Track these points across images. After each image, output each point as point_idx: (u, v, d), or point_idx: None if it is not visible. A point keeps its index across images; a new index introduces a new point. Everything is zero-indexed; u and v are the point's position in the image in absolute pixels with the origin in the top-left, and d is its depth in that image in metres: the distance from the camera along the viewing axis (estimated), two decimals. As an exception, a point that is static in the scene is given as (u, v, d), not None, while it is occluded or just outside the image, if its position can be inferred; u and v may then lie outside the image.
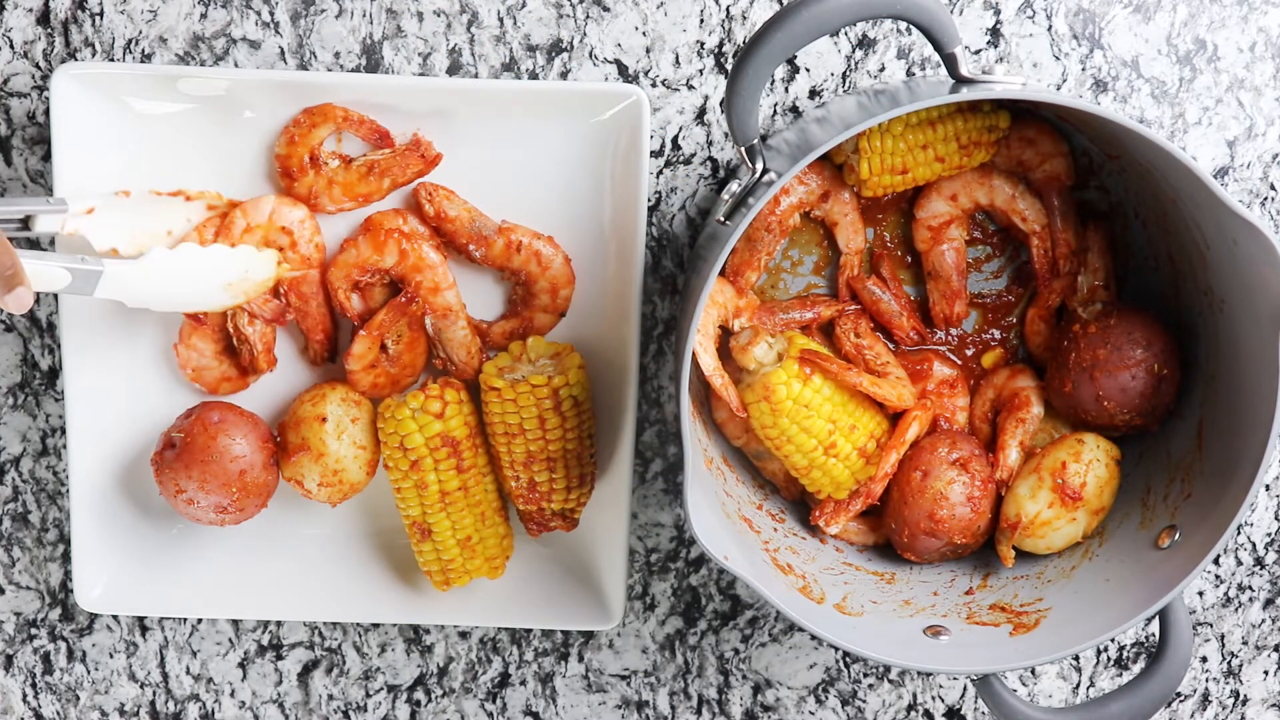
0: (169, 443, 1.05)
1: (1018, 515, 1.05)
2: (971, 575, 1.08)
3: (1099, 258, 1.07)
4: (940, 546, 1.06)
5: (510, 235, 1.06)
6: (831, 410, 1.03)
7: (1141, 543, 1.02)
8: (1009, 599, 1.05)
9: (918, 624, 1.02)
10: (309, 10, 1.08)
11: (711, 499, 1.02)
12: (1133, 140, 0.94)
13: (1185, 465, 1.03)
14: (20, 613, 1.16)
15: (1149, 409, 1.04)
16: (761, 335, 1.04)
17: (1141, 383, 1.04)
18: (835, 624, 0.99)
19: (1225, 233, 0.94)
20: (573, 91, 1.05)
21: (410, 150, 1.05)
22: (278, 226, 1.05)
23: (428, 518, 1.06)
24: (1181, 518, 1.00)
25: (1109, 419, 1.05)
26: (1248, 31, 1.10)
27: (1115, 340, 1.04)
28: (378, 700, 1.17)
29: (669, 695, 1.18)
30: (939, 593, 1.06)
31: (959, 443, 1.07)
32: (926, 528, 1.05)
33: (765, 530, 1.07)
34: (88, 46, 1.08)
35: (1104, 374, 1.04)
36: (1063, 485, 1.04)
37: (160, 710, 1.17)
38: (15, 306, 0.93)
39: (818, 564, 1.07)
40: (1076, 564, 1.05)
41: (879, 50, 1.09)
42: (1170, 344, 1.04)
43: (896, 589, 1.07)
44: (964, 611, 1.04)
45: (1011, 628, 1.02)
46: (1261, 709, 1.19)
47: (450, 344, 1.08)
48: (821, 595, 1.03)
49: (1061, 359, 1.06)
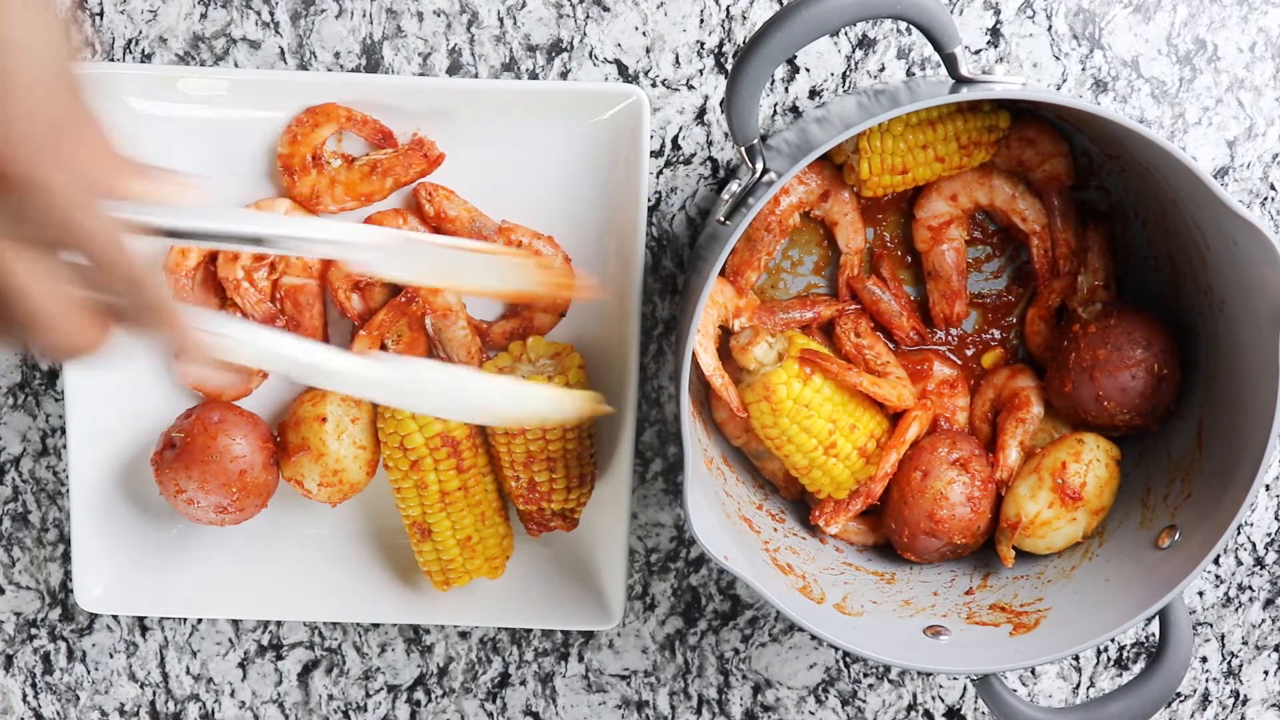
0: (169, 443, 1.05)
1: (1018, 515, 1.05)
2: (971, 575, 1.08)
3: (1099, 258, 1.07)
4: (940, 546, 1.06)
5: (510, 235, 1.06)
6: (831, 410, 1.03)
7: (1141, 543, 1.02)
8: (1009, 599, 1.05)
9: (918, 624, 1.02)
10: (309, 10, 1.08)
11: (711, 499, 1.02)
12: (1132, 140, 0.94)
13: (1185, 465, 1.03)
14: (20, 613, 1.16)
15: (1149, 409, 1.04)
16: (761, 335, 1.04)
17: (1141, 383, 1.04)
18: (835, 624, 0.99)
19: (1225, 233, 0.94)
20: (573, 91, 1.05)
21: (413, 150, 1.05)
22: None
23: (428, 518, 1.06)
24: (1181, 518, 1.00)
25: (1109, 419, 1.05)
26: (1248, 31, 1.10)
27: (1115, 340, 1.04)
28: (378, 700, 1.17)
29: (669, 695, 1.18)
30: (939, 593, 1.06)
31: (959, 443, 1.07)
32: (926, 528, 1.05)
33: (765, 530, 1.07)
34: (87, 46, 1.08)
35: (1104, 374, 1.04)
36: (1063, 485, 1.04)
37: (160, 710, 1.17)
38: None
39: (818, 564, 1.07)
40: (1076, 564, 1.05)
41: (879, 50, 1.09)
42: (1170, 344, 1.04)
43: (896, 589, 1.07)
44: (964, 611, 1.04)
45: (1011, 628, 1.02)
46: (1261, 709, 1.19)
47: (450, 344, 1.08)
48: (822, 595, 1.03)
49: (1061, 359, 1.06)
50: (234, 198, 1.06)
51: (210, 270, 1.06)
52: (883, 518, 1.09)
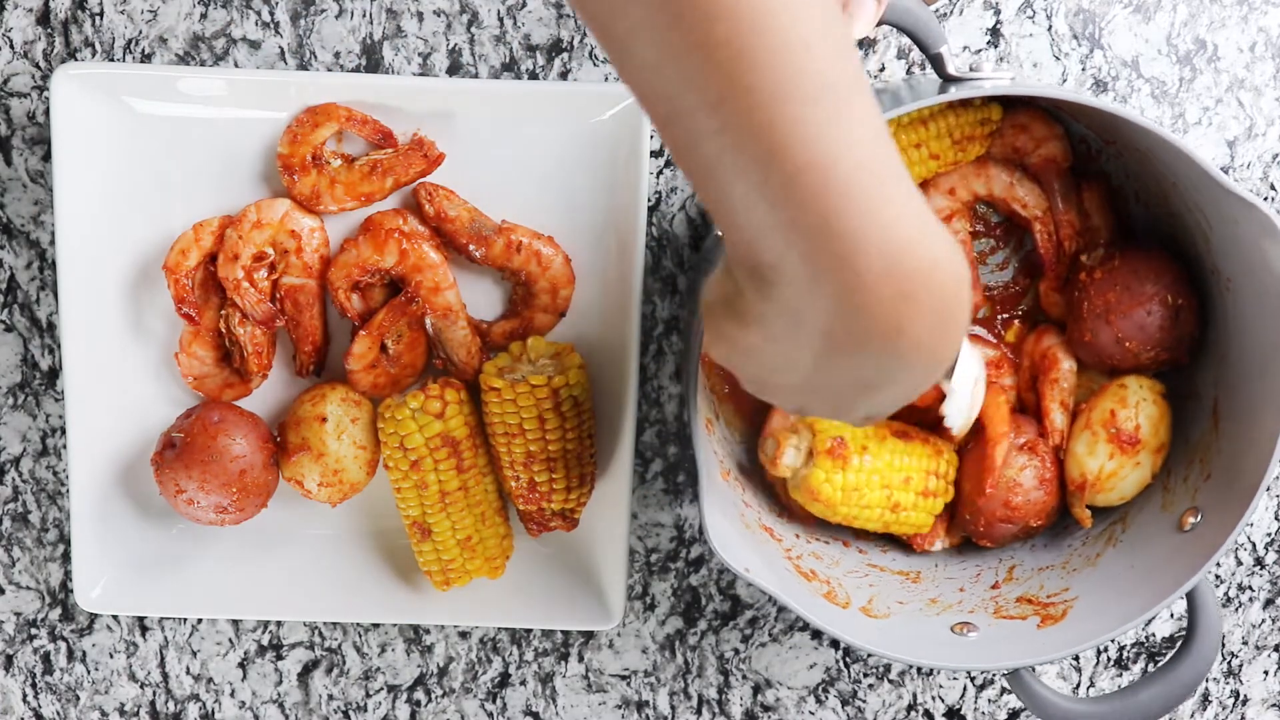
0: (169, 443, 1.05)
1: (1082, 475, 1.04)
2: (997, 569, 1.08)
3: (1098, 215, 1.06)
4: (1015, 531, 1.06)
5: (510, 235, 1.06)
6: (881, 478, 1.03)
7: (1165, 526, 1.02)
8: (1035, 590, 1.04)
9: (945, 621, 1.02)
10: (309, 10, 1.08)
11: (730, 510, 1.01)
12: (1125, 126, 0.94)
13: (1203, 446, 1.02)
14: (20, 613, 1.16)
15: (1172, 341, 1.03)
16: (784, 440, 1.04)
17: (1159, 316, 1.02)
18: (863, 628, 0.99)
19: (1225, 213, 0.93)
20: (573, 91, 1.05)
21: (413, 149, 1.05)
22: (287, 229, 1.05)
23: (428, 518, 1.06)
24: (1202, 499, 1.00)
25: (1135, 359, 1.03)
26: (1248, 31, 1.10)
27: (1124, 280, 1.02)
28: (378, 700, 1.17)
29: (669, 695, 1.18)
30: (965, 588, 1.06)
31: (1023, 426, 1.06)
32: (1003, 515, 1.05)
33: (787, 538, 1.06)
34: (88, 46, 1.08)
35: (1119, 315, 1.02)
36: (1118, 434, 1.03)
37: (160, 710, 1.17)
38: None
39: (841, 568, 1.06)
40: (1101, 551, 1.05)
41: (879, 50, 1.09)
42: (1181, 274, 1.02)
43: (922, 587, 1.06)
44: (991, 606, 1.04)
45: (1039, 620, 1.01)
46: (1261, 709, 1.19)
47: (450, 344, 1.08)
48: (847, 599, 1.03)
49: (1076, 311, 1.05)
50: (234, 198, 1.06)
51: (210, 270, 1.06)
52: (956, 510, 1.09)
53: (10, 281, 1.11)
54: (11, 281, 1.11)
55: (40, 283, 1.11)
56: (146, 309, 1.07)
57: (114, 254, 1.06)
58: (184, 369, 1.07)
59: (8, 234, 1.10)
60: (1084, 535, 1.07)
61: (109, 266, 1.06)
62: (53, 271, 1.11)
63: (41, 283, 1.11)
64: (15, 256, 1.11)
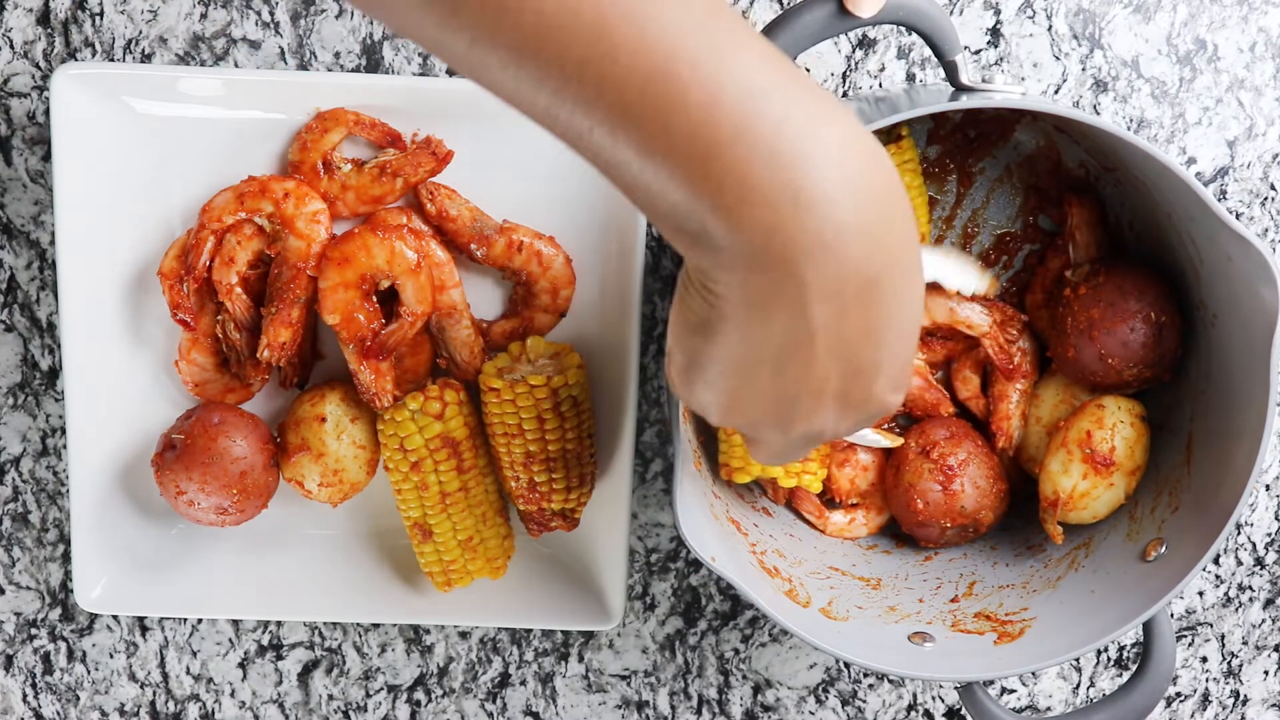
0: (169, 444, 1.05)
1: (1055, 493, 1.05)
2: (957, 584, 1.08)
3: (1085, 231, 1.07)
4: (938, 534, 1.07)
5: (511, 235, 1.06)
6: None
7: (1128, 554, 1.02)
8: (994, 608, 1.05)
9: (903, 630, 1.02)
10: (309, 10, 1.08)
11: (700, 500, 1.02)
12: (1129, 152, 0.94)
13: (1173, 479, 1.02)
14: (20, 613, 1.16)
15: (1155, 359, 1.03)
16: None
17: (1142, 334, 1.02)
18: (820, 628, 0.99)
19: (1220, 248, 0.93)
20: (573, 92, 1.05)
21: (421, 149, 1.05)
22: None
23: (428, 519, 1.06)
24: (1168, 531, 1.00)
25: (1118, 376, 1.04)
26: (1248, 31, 1.10)
27: (1108, 297, 1.03)
28: (378, 700, 1.17)
29: (669, 695, 1.18)
30: (924, 599, 1.06)
31: (928, 430, 1.08)
32: (910, 520, 1.07)
33: (753, 532, 1.07)
34: (88, 46, 1.08)
35: (1102, 331, 1.03)
36: (1092, 455, 1.03)
37: (160, 710, 1.17)
38: None
39: (804, 568, 1.07)
40: (1062, 575, 1.05)
41: (879, 50, 1.09)
42: (1165, 291, 1.02)
43: (882, 594, 1.07)
44: (949, 619, 1.04)
45: (996, 636, 1.01)
46: (1261, 709, 1.19)
47: (454, 343, 1.08)
48: (808, 599, 1.03)
49: (1060, 326, 1.05)
50: (234, 198, 1.06)
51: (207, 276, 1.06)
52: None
53: (10, 281, 1.11)
54: (11, 281, 1.11)
55: (40, 283, 1.11)
56: (147, 309, 1.07)
57: (114, 254, 1.06)
58: (184, 376, 1.07)
59: (8, 234, 1.10)
60: (1046, 558, 1.08)
61: (109, 266, 1.06)
62: (53, 271, 1.11)
63: (41, 283, 1.11)
64: (15, 256, 1.11)
